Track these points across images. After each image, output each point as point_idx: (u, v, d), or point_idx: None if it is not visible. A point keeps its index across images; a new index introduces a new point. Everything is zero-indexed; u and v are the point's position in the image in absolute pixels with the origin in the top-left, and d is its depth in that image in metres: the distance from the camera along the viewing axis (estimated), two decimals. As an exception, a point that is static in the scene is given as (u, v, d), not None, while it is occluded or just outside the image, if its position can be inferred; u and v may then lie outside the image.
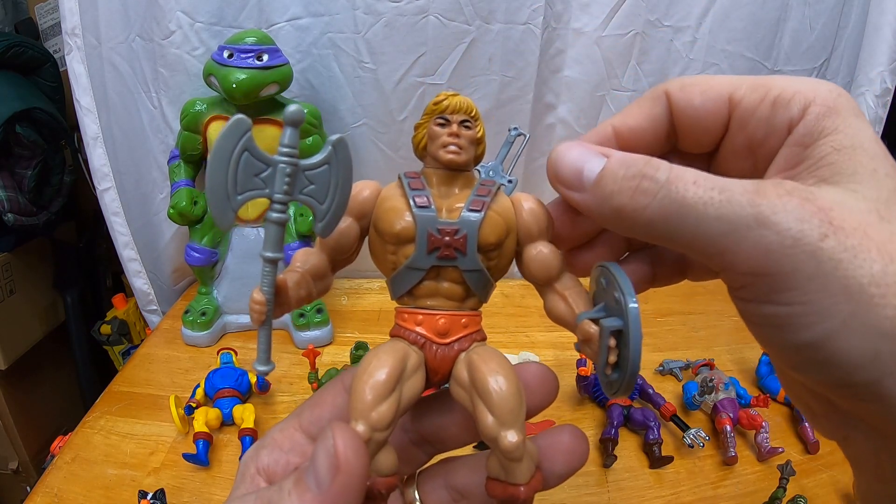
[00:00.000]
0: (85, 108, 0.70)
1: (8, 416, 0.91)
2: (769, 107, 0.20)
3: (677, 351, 0.70)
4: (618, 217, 0.19)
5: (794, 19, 0.74)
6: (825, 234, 0.16)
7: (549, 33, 0.72)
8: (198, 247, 0.69)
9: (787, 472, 0.49)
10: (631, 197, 0.19)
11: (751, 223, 0.17)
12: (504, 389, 0.21)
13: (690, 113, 0.21)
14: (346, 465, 0.19)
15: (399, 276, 0.24)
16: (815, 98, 0.19)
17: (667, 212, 0.18)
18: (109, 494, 0.51)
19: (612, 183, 0.19)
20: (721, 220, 0.17)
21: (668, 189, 0.18)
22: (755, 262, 0.17)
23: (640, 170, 0.19)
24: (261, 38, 0.64)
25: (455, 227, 0.22)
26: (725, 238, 0.17)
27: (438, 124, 0.24)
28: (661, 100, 0.22)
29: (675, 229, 0.18)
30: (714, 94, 0.21)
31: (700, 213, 0.18)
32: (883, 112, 0.81)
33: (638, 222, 0.19)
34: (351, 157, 0.22)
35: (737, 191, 0.18)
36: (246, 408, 0.57)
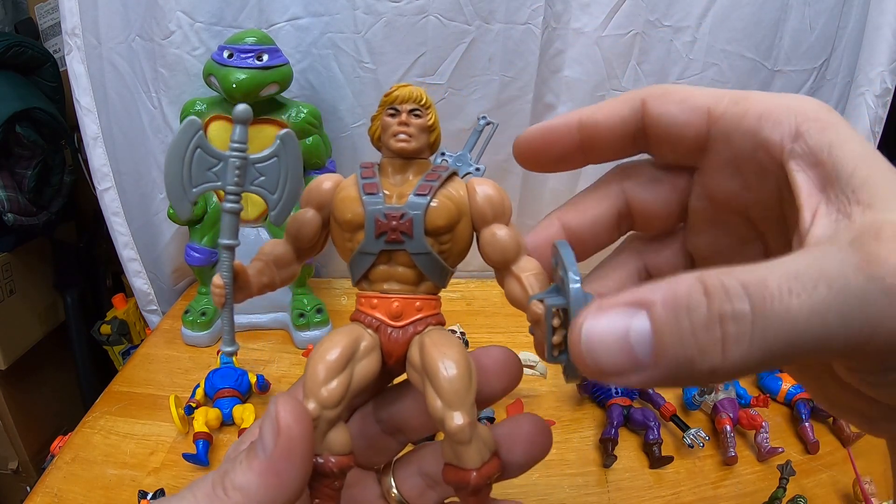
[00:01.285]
0: (85, 108, 0.70)
1: (8, 416, 0.91)
2: (755, 121, 0.18)
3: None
4: (713, 379, 0.15)
5: (794, 19, 0.74)
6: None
7: (549, 33, 0.72)
8: (198, 247, 0.69)
9: (787, 472, 0.49)
10: (723, 353, 0.14)
11: (884, 304, 0.14)
12: (452, 372, 0.21)
13: (666, 122, 0.20)
14: (287, 429, 0.20)
15: (354, 261, 0.24)
16: (806, 114, 0.18)
17: (776, 347, 0.14)
18: (109, 494, 0.51)
19: (682, 347, 0.14)
20: (847, 320, 0.14)
21: (765, 320, 0.14)
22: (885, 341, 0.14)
23: (709, 312, 0.14)
24: (261, 38, 0.64)
25: (401, 211, 0.23)
26: (861, 335, 0.14)
27: (389, 115, 0.25)
28: (636, 105, 0.20)
29: (791, 357, 0.15)
30: (692, 105, 0.19)
31: (818, 325, 0.14)
32: (883, 112, 0.81)
33: (744, 372, 0.15)
34: (299, 149, 0.23)
35: (847, 272, 0.14)
36: (246, 408, 0.57)
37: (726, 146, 0.19)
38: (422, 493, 0.26)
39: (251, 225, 0.71)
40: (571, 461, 0.55)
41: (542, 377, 0.62)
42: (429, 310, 0.24)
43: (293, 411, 0.20)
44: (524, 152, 0.24)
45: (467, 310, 0.76)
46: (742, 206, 0.21)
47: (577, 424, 0.59)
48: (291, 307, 0.71)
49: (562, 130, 0.22)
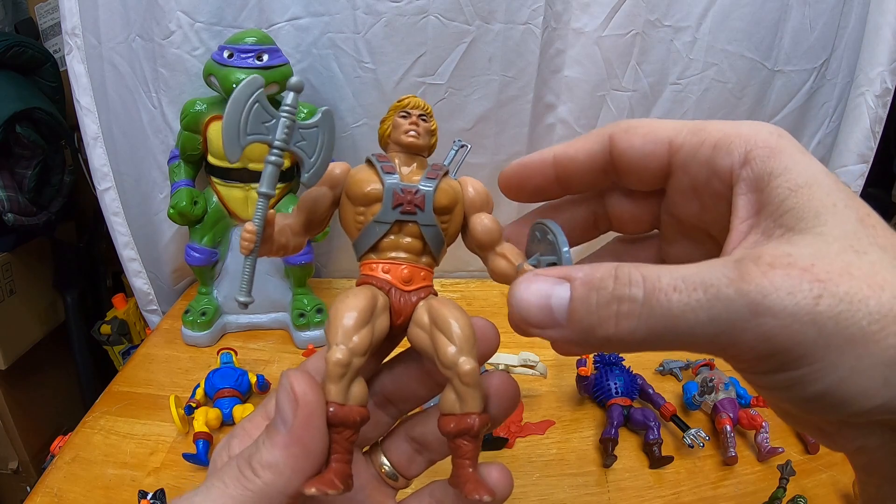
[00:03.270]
0: (85, 108, 0.70)
1: (8, 416, 0.91)
2: (710, 150, 0.20)
3: (677, 351, 0.70)
4: (607, 346, 0.19)
5: (794, 19, 0.74)
6: (818, 296, 0.16)
7: (549, 33, 0.72)
8: (198, 247, 0.69)
9: (787, 472, 0.49)
10: (615, 325, 0.18)
11: (746, 315, 0.17)
12: (462, 322, 0.24)
13: (631, 154, 0.22)
14: (304, 398, 0.21)
15: (367, 231, 0.27)
16: (756, 141, 0.19)
17: (657, 329, 0.18)
18: (109, 494, 0.51)
19: (588, 314, 0.18)
20: (715, 321, 0.17)
21: (650, 306, 0.18)
22: (759, 349, 0.17)
23: (612, 293, 0.18)
24: (261, 38, 0.64)
25: (415, 188, 0.27)
26: (724, 336, 0.17)
27: (401, 116, 0.29)
28: (604, 141, 0.22)
29: (670, 342, 0.18)
30: (654, 138, 0.21)
31: (691, 321, 0.17)
32: (883, 112, 0.81)
33: (630, 346, 0.18)
34: (335, 127, 0.27)
35: (721, 284, 0.17)
36: (246, 408, 0.57)
37: (685, 174, 0.21)
38: (411, 460, 0.27)
39: (251, 225, 0.71)
40: (571, 461, 0.55)
41: (542, 377, 0.62)
42: (429, 280, 0.28)
43: (307, 381, 0.21)
44: (507, 185, 0.26)
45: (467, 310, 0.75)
46: (703, 224, 0.23)
47: (577, 424, 0.59)
48: (291, 307, 0.71)
49: (538, 166, 0.24)
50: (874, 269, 0.17)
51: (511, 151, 0.78)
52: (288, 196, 0.71)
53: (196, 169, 0.71)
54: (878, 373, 0.17)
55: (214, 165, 0.68)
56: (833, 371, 0.17)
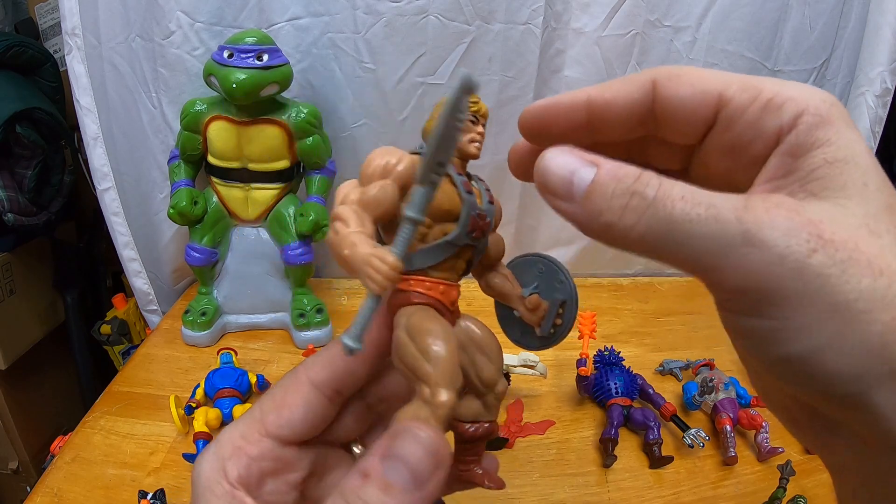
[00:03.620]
0: (85, 108, 0.70)
1: (8, 416, 0.91)
2: (759, 110, 0.19)
3: (677, 351, 0.70)
4: (607, 234, 0.19)
5: (794, 19, 0.74)
6: (814, 249, 0.16)
7: (549, 33, 0.72)
8: (198, 247, 0.69)
9: (787, 472, 0.49)
10: (620, 216, 0.18)
11: (737, 241, 0.17)
12: (497, 345, 0.26)
13: (676, 104, 0.20)
14: (445, 460, 0.20)
15: (433, 250, 0.25)
16: (807, 107, 0.18)
17: (654, 230, 0.18)
18: (109, 494, 0.51)
19: (602, 200, 0.19)
20: (707, 238, 0.17)
21: (655, 207, 0.18)
22: (740, 280, 0.17)
23: (629, 186, 0.18)
24: (261, 38, 0.64)
25: (485, 212, 0.26)
26: (711, 256, 0.17)
27: (471, 121, 0.27)
28: (646, 87, 0.21)
29: (662, 247, 0.18)
30: (704, 88, 0.20)
31: (687, 231, 0.17)
32: (883, 112, 0.81)
33: (627, 240, 0.19)
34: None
35: (725, 207, 0.17)
36: (246, 408, 0.57)
37: (728, 131, 0.20)
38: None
39: (251, 225, 0.71)
40: (571, 461, 0.55)
41: (542, 377, 0.62)
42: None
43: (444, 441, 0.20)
44: (529, 126, 0.24)
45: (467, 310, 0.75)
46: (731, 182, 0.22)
47: (577, 424, 0.59)
48: (291, 307, 0.71)
49: (568, 108, 0.22)
50: (882, 252, 0.16)
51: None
52: (288, 196, 0.71)
53: (196, 169, 0.71)
54: (857, 357, 0.16)
55: (214, 165, 0.68)
56: (809, 336, 0.16)
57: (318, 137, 0.68)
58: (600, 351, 0.62)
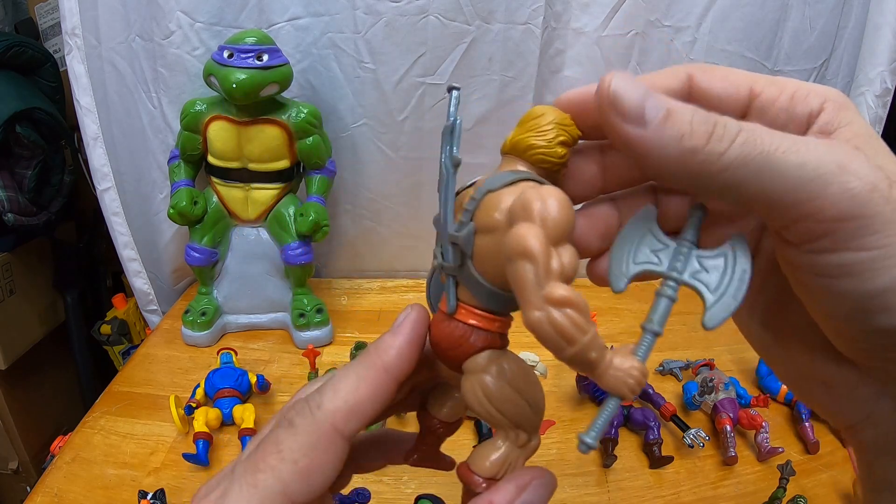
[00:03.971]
0: (85, 108, 0.70)
1: (8, 416, 0.91)
2: (788, 99, 0.20)
3: (677, 351, 0.70)
4: (687, 160, 0.18)
5: (794, 19, 0.74)
6: (892, 184, 0.17)
7: (549, 33, 0.72)
8: (198, 247, 0.69)
9: (787, 472, 0.49)
10: (706, 140, 0.18)
11: (834, 169, 0.17)
12: None
13: (711, 95, 0.21)
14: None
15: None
16: (828, 96, 0.20)
17: (746, 158, 0.18)
18: (109, 494, 0.51)
19: (683, 123, 0.18)
20: (804, 167, 0.17)
21: (745, 136, 0.18)
22: (842, 206, 0.17)
23: (712, 117, 0.18)
24: (261, 38, 0.64)
25: None
26: (810, 184, 0.17)
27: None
28: (682, 78, 0.21)
29: (753, 177, 0.18)
30: (735, 80, 0.21)
31: (780, 160, 0.17)
32: (883, 112, 0.81)
33: (711, 168, 0.18)
34: (750, 257, 0.21)
35: (811, 142, 0.18)
36: (246, 408, 0.57)
37: (761, 119, 0.21)
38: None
39: (251, 225, 0.71)
40: (571, 461, 0.55)
41: (542, 377, 0.62)
42: None
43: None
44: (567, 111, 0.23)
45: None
46: None
47: (577, 424, 0.59)
48: (291, 307, 0.71)
49: None
50: None
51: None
52: (288, 196, 0.71)
53: (196, 169, 0.71)
54: None
55: (214, 165, 0.68)
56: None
57: (318, 137, 0.68)
58: (600, 351, 0.62)
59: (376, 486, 0.50)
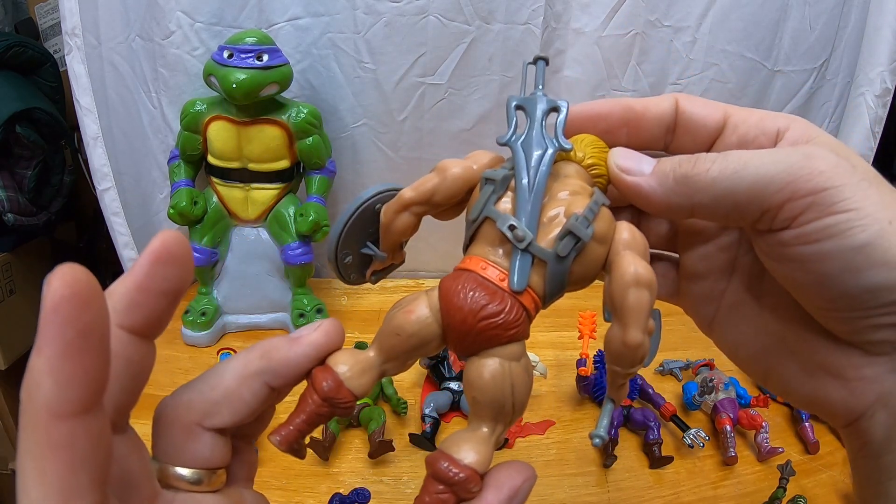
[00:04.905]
0: (85, 108, 0.70)
1: (8, 416, 0.91)
2: (759, 119, 0.25)
3: (677, 351, 0.70)
4: (683, 184, 0.23)
5: (794, 19, 0.74)
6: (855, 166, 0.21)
7: (549, 33, 0.72)
8: (198, 247, 0.69)
9: (787, 472, 0.49)
10: (693, 166, 0.23)
11: (802, 159, 0.21)
12: None
13: (693, 113, 0.26)
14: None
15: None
16: (794, 119, 0.24)
17: (728, 169, 0.22)
18: (109, 494, 0.50)
19: (671, 163, 0.24)
20: (777, 162, 0.21)
21: (725, 156, 0.23)
22: (815, 181, 0.21)
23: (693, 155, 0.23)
24: (261, 38, 0.64)
25: None
26: (784, 172, 0.21)
27: None
28: (671, 101, 0.26)
29: (738, 181, 0.22)
30: (713, 106, 0.26)
31: (757, 163, 0.22)
32: (883, 112, 0.81)
33: (702, 185, 0.22)
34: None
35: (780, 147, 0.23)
36: (246, 408, 0.57)
37: (734, 133, 0.25)
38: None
39: (251, 225, 0.71)
40: (571, 461, 0.55)
41: (542, 377, 0.62)
42: None
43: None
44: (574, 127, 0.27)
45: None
46: None
47: (577, 424, 0.59)
48: (291, 307, 0.71)
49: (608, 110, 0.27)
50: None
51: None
52: (288, 196, 0.71)
53: (196, 169, 0.71)
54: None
55: (214, 165, 0.68)
56: (873, 222, 0.20)
57: (318, 137, 0.68)
58: (600, 351, 0.62)
59: (376, 487, 0.50)
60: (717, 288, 0.27)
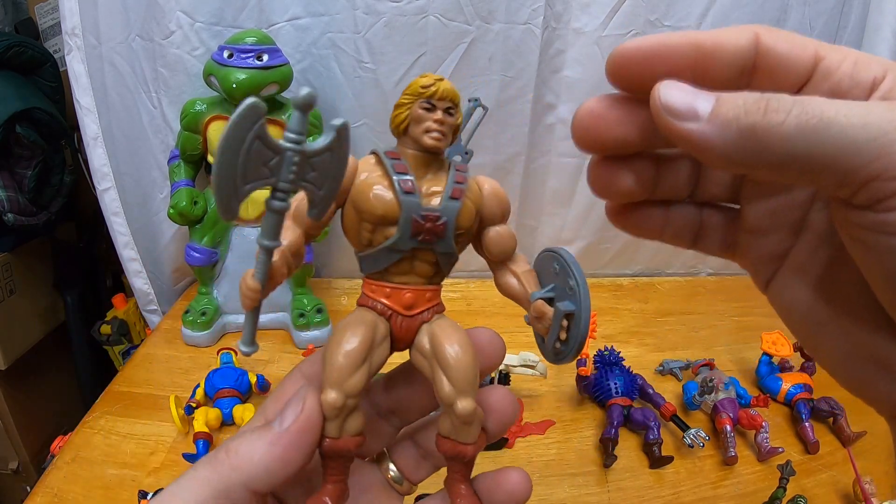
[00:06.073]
0: (85, 108, 0.70)
1: (8, 416, 0.91)
2: (852, 65, 0.20)
3: (677, 351, 0.70)
4: (748, 138, 0.18)
5: (794, 19, 0.74)
6: None
7: (549, 33, 0.72)
8: (198, 247, 0.69)
9: (787, 472, 0.49)
10: (763, 115, 0.18)
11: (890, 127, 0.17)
12: (461, 360, 0.23)
13: (776, 54, 0.21)
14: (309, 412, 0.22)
15: (376, 255, 0.24)
16: (891, 65, 0.20)
17: (806, 125, 0.18)
18: (109, 494, 0.51)
19: (735, 107, 0.19)
20: (868, 127, 0.17)
21: (802, 104, 0.18)
22: None
23: (764, 95, 0.19)
24: (261, 38, 0.64)
25: (437, 213, 0.23)
26: (874, 143, 0.17)
27: (424, 108, 0.24)
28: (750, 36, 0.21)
29: (816, 143, 0.18)
30: (800, 42, 0.21)
31: (843, 123, 0.17)
32: (883, 112, 0.81)
33: (772, 141, 0.18)
34: (349, 144, 0.22)
35: (872, 104, 0.18)
36: (246, 408, 0.57)
37: (826, 81, 0.21)
38: (417, 465, 0.28)
39: (252, 225, 0.71)
40: (571, 461, 0.55)
41: (542, 377, 0.62)
42: (436, 299, 0.26)
43: (317, 401, 0.23)
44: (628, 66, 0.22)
45: (467, 310, 0.76)
46: None
47: (577, 424, 0.59)
48: (291, 307, 0.71)
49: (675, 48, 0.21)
50: None
51: (511, 151, 0.78)
52: (288, 196, 0.71)
53: (196, 169, 0.71)
54: None
55: (214, 165, 0.68)
56: None
57: (318, 137, 0.68)
58: (600, 351, 0.62)
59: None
60: (782, 247, 0.24)
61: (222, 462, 0.22)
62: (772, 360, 0.65)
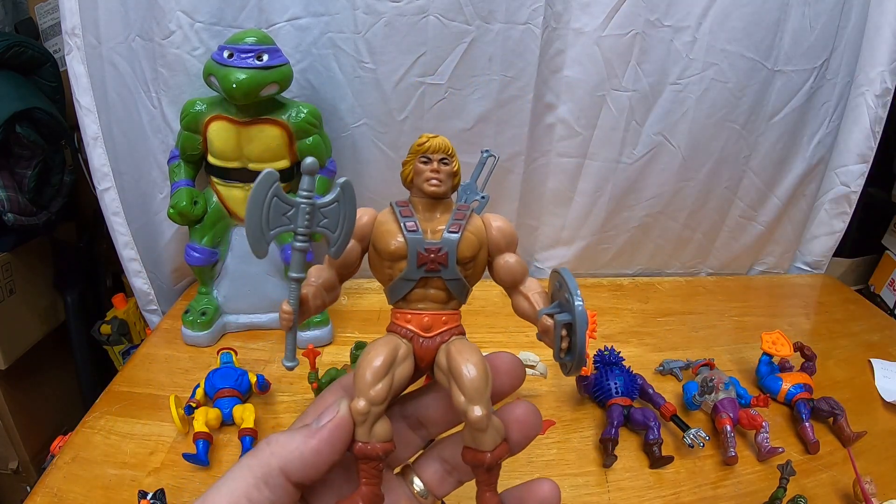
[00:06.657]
0: (85, 108, 0.70)
1: (8, 416, 0.91)
2: None
3: (677, 351, 0.70)
4: None
5: (794, 19, 0.74)
6: None
7: (549, 33, 0.72)
8: (198, 247, 0.69)
9: (787, 472, 0.49)
10: None
11: None
12: (473, 373, 0.26)
13: None
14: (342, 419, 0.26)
15: (395, 286, 0.29)
16: None
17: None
18: (109, 494, 0.51)
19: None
20: None
21: None
22: None
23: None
24: (261, 38, 0.64)
25: (438, 246, 0.28)
26: None
27: (422, 162, 0.30)
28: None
29: None
30: None
31: None
32: (883, 112, 0.81)
33: None
34: (355, 196, 0.28)
35: None
36: (246, 408, 0.57)
37: None
38: (442, 480, 0.30)
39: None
40: (571, 461, 0.55)
41: (542, 377, 0.62)
42: (453, 322, 0.29)
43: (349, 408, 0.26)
44: None
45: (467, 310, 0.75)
46: None
47: (577, 424, 0.59)
48: (291, 307, 0.71)
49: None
50: None
51: (511, 151, 0.78)
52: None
53: (196, 169, 0.71)
54: None
55: (214, 165, 0.68)
56: None
57: (318, 137, 0.68)
58: (600, 351, 0.62)
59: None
60: None
61: (263, 450, 0.25)
62: (772, 360, 0.65)
